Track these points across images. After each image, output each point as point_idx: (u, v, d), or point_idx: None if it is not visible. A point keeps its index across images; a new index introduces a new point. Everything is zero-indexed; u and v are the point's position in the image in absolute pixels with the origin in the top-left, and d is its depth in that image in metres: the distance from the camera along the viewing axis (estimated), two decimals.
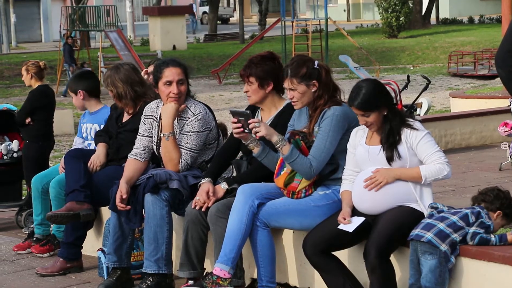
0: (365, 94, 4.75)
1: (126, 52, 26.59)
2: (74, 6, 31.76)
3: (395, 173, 4.75)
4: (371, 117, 4.77)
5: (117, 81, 6.01)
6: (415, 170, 4.73)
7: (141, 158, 5.70)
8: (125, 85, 5.99)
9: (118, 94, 6.02)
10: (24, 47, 45.81)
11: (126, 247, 5.66)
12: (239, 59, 31.10)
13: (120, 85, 6.00)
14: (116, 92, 6.02)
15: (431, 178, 4.73)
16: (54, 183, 6.34)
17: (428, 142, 4.76)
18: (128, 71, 6.07)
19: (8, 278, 6.05)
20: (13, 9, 46.79)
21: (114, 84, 6.01)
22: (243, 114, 5.10)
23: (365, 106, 4.75)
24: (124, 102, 6.04)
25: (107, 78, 6.08)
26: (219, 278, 4.97)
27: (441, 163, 4.73)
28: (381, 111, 4.77)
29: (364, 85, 4.79)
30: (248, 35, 45.73)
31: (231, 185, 5.32)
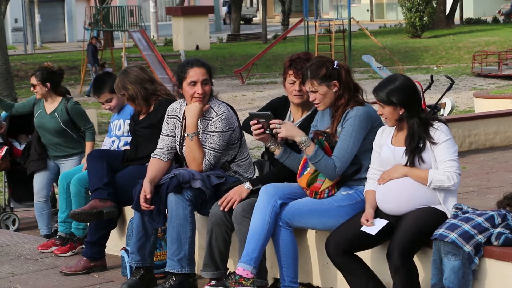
0: (389, 87, 4.75)
1: (149, 52, 26.67)
2: (98, 6, 31.91)
3: (404, 170, 4.76)
4: (386, 110, 4.78)
5: (127, 83, 6.06)
6: (423, 172, 4.72)
7: (164, 158, 5.72)
8: (135, 86, 6.04)
9: (129, 96, 6.06)
10: (48, 47, 46.09)
11: (149, 247, 5.68)
12: (261, 59, 31.13)
13: (130, 86, 6.04)
14: (128, 95, 6.06)
15: (436, 184, 4.72)
16: (74, 181, 6.38)
17: (447, 149, 4.74)
18: (136, 72, 6.12)
19: (32, 276, 6.08)
20: (38, 9, 47.07)
21: (125, 87, 6.07)
22: (264, 116, 5.10)
23: (382, 97, 4.75)
24: (137, 102, 6.07)
25: (118, 83, 6.13)
26: (242, 277, 4.98)
27: (451, 172, 4.71)
28: (396, 109, 4.76)
29: (396, 78, 4.81)
30: (271, 35, 45.74)
31: (255, 186, 5.32)
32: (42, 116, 7.92)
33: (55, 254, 6.67)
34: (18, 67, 31.93)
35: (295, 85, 5.33)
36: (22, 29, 45.03)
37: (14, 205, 9.49)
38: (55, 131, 7.87)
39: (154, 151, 5.75)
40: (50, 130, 7.89)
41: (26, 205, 9.57)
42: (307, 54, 5.44)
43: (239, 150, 5.70)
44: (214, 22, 54.58)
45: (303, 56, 5.38)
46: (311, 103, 5.19)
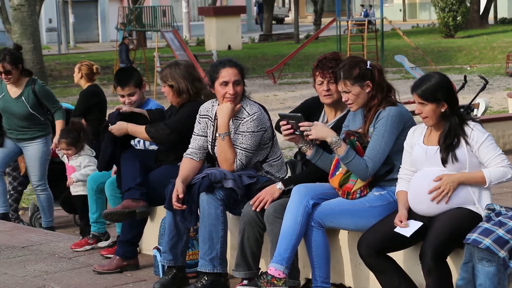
0: (430, 84, 4.73)
1: (181, 52, 26.74)
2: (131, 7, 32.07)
3: (459, 179, 4.70)
4: (427, 108, 4.73)
5: (179, 76, 6.02)
6: (479, 174, 4.69)
7: (196, 158, 5.73)
8: (187, 81, 6.01)
9: (178, 89, 6.02)
10: (82, 47, 46.40)
11: (181, 246, 5.70)
12: (293, 59, 31.08)
13: (182, 80, 6.01)
14: (178, 87, 6.02)
15: (495, 182, 4.69)
16: (108, 183, 6.42)
17: (491, 145, 4.71)
18: (187, 68, 6.09)
19: (66, 275, 6.13)
20: (71, 9, 47.40)
21: (175, 78, 6.00)
22: (294, 117, 5.10)
23: (425, 95, 4.72)
24: (183, 97, 6.06)
25: (167, 73, 6.06)
26: (274, 277, 4.98)
27: (504, 166, 4.69)
28: (439, 106, 4.73)
29: (432, 76, 4.78)
30: (303, 35, 45.66)
31: (287, 186, 5.32)
32: (6, 100, 7.78)
33: (89, 250, 6.69)
34: (52, 67, 32.18)
35: (323, 85, 5.33)
36: (56, 29, 45.36)
37: None
38: (23, 115, 7.75)
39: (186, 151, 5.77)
40: (17, 115, 7.76)
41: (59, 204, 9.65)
42: (334, 54, 5.44)
43: (271, 150, 5.70)
44: (246, 22, 54.60)
45: (330, 56, 5.37)
46: (344, 104, 5.18)
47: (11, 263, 6.46)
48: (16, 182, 9.40)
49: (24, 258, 6.63)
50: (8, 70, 7.67)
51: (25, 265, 6.39)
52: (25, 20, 20.43)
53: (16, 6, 20.36)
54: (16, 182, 9.40)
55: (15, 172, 9.34)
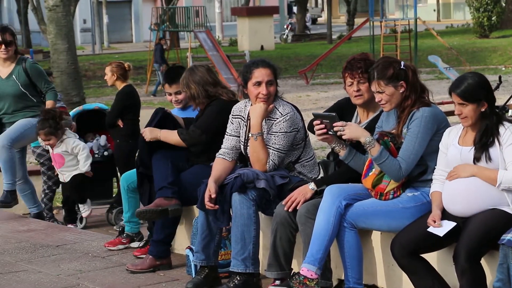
0: (470, 84, 4.69)
1: (214, 52, 26.78)
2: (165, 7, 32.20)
3: (472, 170, 4.69)
4: (467, 109, 4.70)
5: (191, 82, 6.12)
6: (492, 173, 4.64)
7: (228, 158, 5.74)
8: (198, 86, 6.09)
9: (191, 95, 6.13)
10: (115, 48, 46.67)
11: (214, 246, 5.71)
12: (326, 59, 30.99)
13: (193, 86, 6.10)
14: (190, 93, 6.13)
15: (505, 186, 4.63)
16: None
17: None
18: (201, 73, 6.16)
19: (99, 274, 6.16)
20: (105, 10, 47.71)
21: (188, 85, 6.13)
22: (328, 117, 5.09)
23: (466, 95, 4.69)
24: (197, 101, 6.13)
25: (183, 79, 6.19)
26: (306, 278, 4.97)
27: None
28: (479, 106, 4.69)
29: (470, 76, 4.75)
30: (336, 35, 45.54)
31: (320, 187, 5.31)
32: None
33: (122, 249, 6.71)
34: (86, 67, 32.42)
35: (353, 86, 5.32)
36: (90, 29, 45.69)
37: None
38: (14, 96, 7.58)
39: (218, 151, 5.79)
40: (9, 96, 7.59)
41: (94, 203, 9.71)
42: (362, 54, 5.42)
43: (304, 151, 5.70)
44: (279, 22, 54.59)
45: (358, 56, 5.36)
46: (377, 104, 5.16)
47: (45, 262, 6.52)
48: (50, 181, 9.47)
49: (58, 256, 6.67)
50: (9, 41, 7.50)
51: (59, 264, 6.44)
52: (60, 21, 20.57)
53: (51, 7, 20.51)
54: (51, 181, 9.48)
55: (50, 171, 9.42)
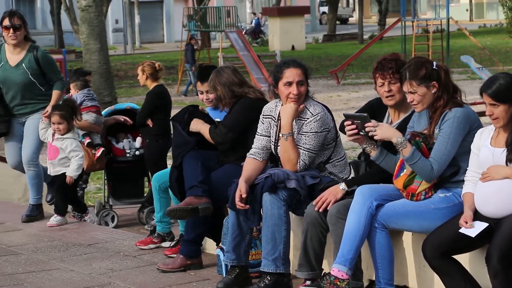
0: (501, 84, 4.66)
1: (245, 52, 26.81)
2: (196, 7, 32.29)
3: (506, 172, 4.65)
4: (499, 109, 4.66)
5: (217, 84, 6.15)
6: None
7: (259, 158, 5.75)
8: (224, 88, 6.12)
9: (217, 96, 6.17)
10: (147, 48, 46.89)
11: (245, 246, 5.72)
12: (357, 60, 30.90)
13: (220, 88, 6.13)
14: (216, 95, 6.16)
15: None
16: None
17: None
18: (228, 74, 6.18)
19: (131, 273, 6.20)
20: (137, 10, 47.95)
21: (215, 87, 6.16)
22: (359, 117, 5.07)
23: (497, 95, 4.65)
24: (224, 102, 6.17)
25: (210, 81, 6.23)
26: (337, 278, 4.97)
27: None
28: (511, 107, 4.66)
29: (502, 76, 4.72)
30: (367, 35, 45.39)
31: (351, 187, 5.30)
32: (5, 69, 7.41)
33: (153, 249, 6.72)
34: (118, 67, 32.60)
35: (384, 86, 5.29)
36: (122, 29, 45.94)
37: (113, 202, 9.69)
38: (23, 84, 7.39)
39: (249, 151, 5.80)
40: (17, 84, 7.38)
41: (125, 203, 9.77)
42: (393, 54, 5.40)
43: (335, 151, 5.68)
44: (310, 22, 54.52)
45: (389, 57, 5.34)
46: (408, 104, 5.14)
47: (77, 260, 6.56)
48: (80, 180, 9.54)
49: (90, 255, 6.72)
50: (18, 25, 7.30)
51: (91, 263, 6.48)
52: (92, 21, 20.70)
53: (84, 7, 20.65)
54: (80, 180, 9.54)
55: None
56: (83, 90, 9.40)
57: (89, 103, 9.35)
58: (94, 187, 11.88)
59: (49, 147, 7.53)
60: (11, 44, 7.39)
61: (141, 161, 9.45)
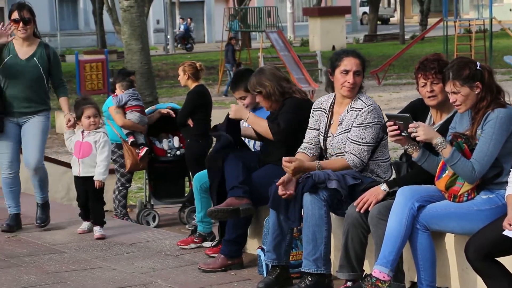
0: None
1: (285, 52, 26.81)
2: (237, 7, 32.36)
3: None
4: None
5: (264, 80, 6.12)
6: None
7: (309, 153, 5.75)
8: (272, 82, 6.10)
9: (267, 93, 6.11)
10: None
11: (285, 245, 5.71)
12: (398, 60, 30.73)
13: (268, 83, 6.10)
14: (265, 92, 6.11)
15: None
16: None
17: None
18: (272, 70, 6.21)
19: (172, 272, 6.23)
20: (178, 10, 48.16)
21: (262, 84, 6.12)
22: (402, 118, 5.05)
23: None
24: (273, 99, 6.12)
25: (253, 82, 6.18)
26: (378, 280, 4.95)
27: None
28: None
29: None
30: (408, 35, 45.13)
31: (392, 188, 5.27)
32: (15, 62, 7.05)
33: (194, 248, 6.72)
34: (159, 67, 32.78)
35: (427, 87, 5.26)
36: (163, 30, 46.19)
37: (155, 202, 9.76)
38: (32, 79, 7.06)
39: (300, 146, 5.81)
40: (26, 79, 7.05)
41: (166, 202, 9.83)
42: (435, 54, 5.37)
43: (380, 150, 5.65)
44: (350, 23, 54.34)
45: (431, 57, 5.31)
46: (451, 105, 5.11)
47: (119, 259, 6.61)
48: (124, 179, 9.62)
49: (132, 254, 6.76)
50: (27, 19, 6.95)
51: (133, 262, 6.53)
52: (134, 21, 20.84)
53: (126, 8, 20.80)
54: (124, 179, 9.63)
55: (123, 169, 9.56)
56: (128, 90, 9.49)
57: (134, 103, 9.45)
58: (136, 187, 11.97)
59: (79, 146, 7.24)
60: (20, 37, 7.06)
61: (182, 161, 9.51)
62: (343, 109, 5.68)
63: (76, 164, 7.29)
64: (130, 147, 9.39)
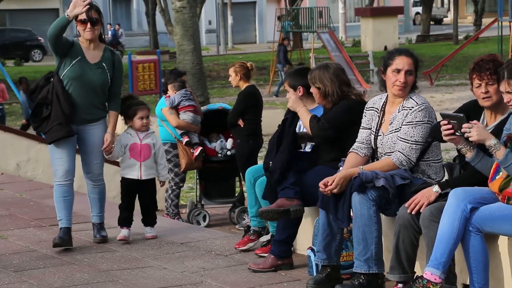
0: None
1: (337, 53, 26.77)
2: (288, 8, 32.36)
3: None
4: None
5: (326, 79, 6.07)
6: None
7: (361, 153, 5.72)
8: (334, 84, 6.05)
9: (324, 92, 6.08)
10: (239, 48, 47.22)
11: (335, 245, 5.69)
12: (452, 60, 30.45)
13: (329, 83, 6.06)
14: (324, 90, 6.08)
15: None
16: (258, 184, 6.45)
17: None
18: (337, 71, 6.13)
19: (222, 272, 6.24)
20: (230, 11, 48.34)
21: (323, 81, 6.07)
22: (456, 118, 5.00)
23: None
24: (329, 99, 6.09)
25: (316, 74, 6.12)
26: (430, 282, 4.90)
27: None
28: None
29: None
30: (462, 35, 44.68)
31: (444, 189, 5.22)
32: (83, 65, 6.65)
33: (256, 254, 6.58)
34: (210, 67, 32.95)
35: (481, 87, 5.20)
36: (215, 30, 46.40)
37: (205, 202, 9.81)
38: (99, 85, 6.68)
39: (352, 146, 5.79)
40: (92, 84, 6.66)
41: (216, 202, 9.87)
42: (490, 55, 5.30)
43: (432, 150, 5.59)
44: (403, 23, 53.96)
45: (486, 58, 5.24)
46: (505, 106, 5.04)
47: (170, 259, 6.65)
48: (177, 178, 9.69)
49: (182, 254, 6.79)
50: (95, 19, 6.58)
51: (184, 261, 6.56)
52: (186, 22, 20.98)
53: (178, 8, 20.94)
54: (178, 178, 9.70)
55: (177, 168, 9.63)
56: (180, 90, 9.57)
57: (187, 103, 9.52)
58: (187, 187, 12.03)
59: (139, 149, 7.03)
60: (86, 39, 6.66)
61: (232, 161, 9.54)
62: (395, 108, 5.64)
63: (135, 167, 7.05)
64: (185, 147, 9.45)
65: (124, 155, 7.11)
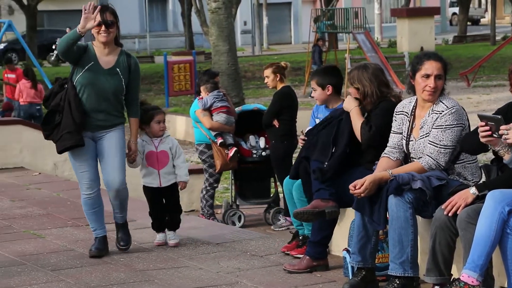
0: None
1: (373, 53, 26.64)
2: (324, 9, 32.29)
3: None
4: None
5: (365, 79, 6.02)
6: None
7: (393, 157, 5.69)
8: (372, 85, 6.00)
9: (364, 92, 6.03)
10: (274, 49, 47.21)
11: (370, 247, 5.66)
12: (489, 61, 30.18)
13: (368, 83, 6.01)
14: (363, 91, 6.03)
15: None
16: (295, 187, 6.43)
17: None
18: (376, 71, 6.08)
19: (258, 272, 6.24)
20: (265, 11, 48.36)
21: (362, 82, 6.02)
22: (494, 119, 4.96)
23: None
24: (368, 100, 6.04)
25: (354, 75, 6.08)
26: (467, 285, 4.87)
27: None
28: None
29: None
30: (499, 36, 44.27)
31: (482, 191, 5.17)
32: (96, 71, 6.40)
33: (292, 255, 6.56)
34: (245, 68, 32.98)
35: None
36: (251, 31, 46.44)
37: (240, 202, 9.82)
38: (112, 91, 6.42)
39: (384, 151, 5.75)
40: (106, 90, 6.41)
41: (251, 203, 9.88)
42: None
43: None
44: (440, 23, 53.60)
45: None
46: None
47: (206, 259, 6.66)
48: (212, 179, 9.71)
49: (218, 254, 6.81)
50: (110, 22, 6.32)
51: (219, 261, 6.57)
52: (221, 23, 21.03)
53: (214, 9, 20.99)
54: (212, 179, 9.72)
55: (211, 169, 9.65)
56: (212, 92, 9.59)
57: (219, 104, 9.54)
58: (222, 187, 12.06)
59: (155, 157, 6.85)
60: (101, 42, 6.41)
61: (267, 161, 9.54)
62: (425, 112, 5.60)
63: (154, 176, 6.89)
64: (220, 148, 9.47)
65: (142, 162, 6.93)
